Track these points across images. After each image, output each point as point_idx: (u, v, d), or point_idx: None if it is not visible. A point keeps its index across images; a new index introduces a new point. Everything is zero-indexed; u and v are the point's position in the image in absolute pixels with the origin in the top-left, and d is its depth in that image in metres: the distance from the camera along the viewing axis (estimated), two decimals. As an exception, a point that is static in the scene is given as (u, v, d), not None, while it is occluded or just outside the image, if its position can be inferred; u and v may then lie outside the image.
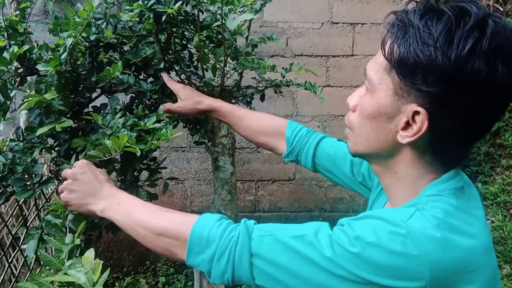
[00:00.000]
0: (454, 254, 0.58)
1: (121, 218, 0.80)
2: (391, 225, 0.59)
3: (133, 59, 1.06)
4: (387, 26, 0.64)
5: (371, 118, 0.68)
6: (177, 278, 2.32)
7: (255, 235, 0.67)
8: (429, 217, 0.60)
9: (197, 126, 1.16)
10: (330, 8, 2.28)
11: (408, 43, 0.60)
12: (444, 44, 0.57)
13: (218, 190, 1.28)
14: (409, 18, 0.61)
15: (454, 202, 0.64)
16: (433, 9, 0.61)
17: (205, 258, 0.68)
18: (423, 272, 0.56)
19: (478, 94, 0.58)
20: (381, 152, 0.70)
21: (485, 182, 3.12)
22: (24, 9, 1.05)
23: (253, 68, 1.21)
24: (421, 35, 0.59)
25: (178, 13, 1.06)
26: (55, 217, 0.89)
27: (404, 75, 0.61)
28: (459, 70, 0.57)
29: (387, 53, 0.63)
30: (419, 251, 0.57)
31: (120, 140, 0.85)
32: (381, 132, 0.68)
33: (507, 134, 3.30)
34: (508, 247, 2.47)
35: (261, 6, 1.22)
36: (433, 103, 0.60)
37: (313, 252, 0.61)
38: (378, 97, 0.66)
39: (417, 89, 0.61)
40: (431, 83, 0.59)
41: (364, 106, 0.69)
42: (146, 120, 0.97)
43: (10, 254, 1.39)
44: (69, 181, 0.86)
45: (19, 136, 1.00)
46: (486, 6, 3.70)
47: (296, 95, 2.32)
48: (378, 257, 0.57)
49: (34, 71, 1.02)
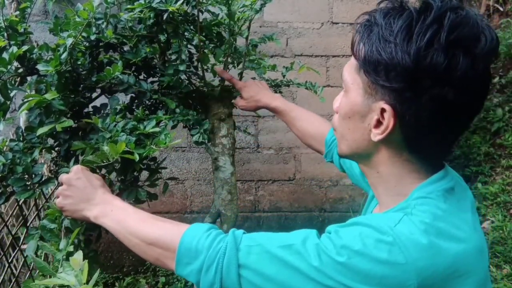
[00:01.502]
0: (442, 260, 0.57)
1: (114, 225, 0.80)
2: (378, 232, 0.59)
3: (133, 59, 1.06)
4: (357, 26, 0.65)
5: (346, 118, 0.69)
6: (177, 278, 2.32)
7: (242, 246, 0.66)
8: (417, 222, 0.59)
9: (197, 126, 1.16)
10: (330, 8, 2.28)
11: (371, 41, 0.61)
12: (404, 40, 0.58)
13: (218, 190, 1.28)
14: (374, 17, 0.62)
15: (442, 205, 0.63)
16: (397, 7, 0.61)
17: (193, 269, 0.68)
18: (410, 280, 0.56)
19: (440, 88, 0.58)
20: (359, 151, 0.71)
21: (485, 182, 3.12)
22: (24, 9, 1.05)
23: (253, 68, 1.21)
24: (383, 32, 0.60)
25: (178, 13, 1.06)
26: (51, 222, 0.89)
27: (369, 73, 0.62)
28: (418, 64, 0.57)
29: (355, 53, 0.64)
30: (406, 259, 0.56)
31: (118, 147, 0.86)
32: (356, 131, 0.69)
33: (507, 134, 3.30)
34: (508, 247, 2.47)
35: (261, 6, 1.22)
36: (398, 99, 0.61)
37: (301, 262, 0.61)
38: (351, 96, 0.67)
39: (381, 86, 0.61)
40: (393, 79, 0.59)
41: (341, 107, 0.71)
42: (145, 123, 0.97)
43: (10, 254, 1.39)
44: (64, 186, 0.86)
45: (19, 136, 1.00)
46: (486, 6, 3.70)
47: (296, 95, 2.32)
48: (364, 265, 0.57)
49: (34, 71, 1.02)
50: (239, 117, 2.27)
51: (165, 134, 0.94)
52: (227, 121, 1.27)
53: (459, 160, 3.45)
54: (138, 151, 0.89)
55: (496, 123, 3.41)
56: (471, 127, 3.64)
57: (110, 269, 2.34)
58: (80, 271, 0.73)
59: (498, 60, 4.13)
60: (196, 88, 1.26)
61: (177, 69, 1.10)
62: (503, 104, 3.57)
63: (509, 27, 4.42)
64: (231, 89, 1.30)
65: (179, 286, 2.26)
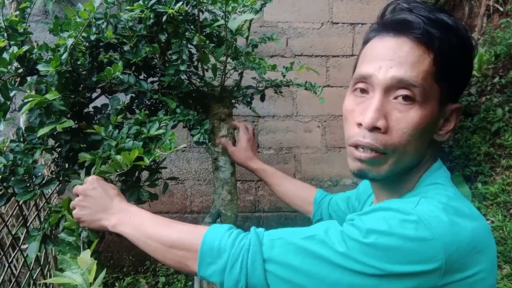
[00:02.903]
0: (464, 236, 0.59)
1: (133, 232, 0.80)
2: (401, 213, 0.60)
3: (133, 59, 1.06)
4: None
5: (425, 130, 0.67)
6: (177, 278, 2.32)
7: (265, 241, 0.66)
8: (435, 203, 0.62)
9: (197, 126, 1.16)
10: (330, 8, 2.28)
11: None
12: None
13: (218, 190, 1.28)
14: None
15: (451, 189, 0.67)
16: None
17: (217, 269, 0.67)
18: (438, 254, 0.57)
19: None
20: (418, 158, 0.71)
21: (485, 182, 3.12)
22: (24, 9, 1.05)
23: (253, 68, 1.21)
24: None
25: (179, 13, 1.06)
26: (69, 235, 0.89)
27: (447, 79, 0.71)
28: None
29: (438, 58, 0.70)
30: (433, 234, 0.57)
31: (131, 155, 0.86)
32: (426, 139, 0.69)
33: (507, 134, 3.30)
34: (508, 247, 2.47)
35: (261, 6, 1.22)
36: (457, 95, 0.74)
37: (326, 250, 0.61)
38: (430, 107, 0.68)
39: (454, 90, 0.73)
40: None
41: (420, 122, 0.67)
42: (148, 126, 0.97)
43: (10, 254, 1.39)
44: (80, 197, 0.87)
45: (20, 137, 0.99)
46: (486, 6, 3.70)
47: (296, 95, 2.32)
48: (393, 244, 0.57)
49: (34, 71, 1.02)
50: (239, 117, 2.27)
51: (169, 139, 0.94)
52: (227, 121, 1.27)
53: (459, 160, 3.45)
54: (146, 156, 0.89)
55: (496, 123, 3.41)
56: (471, 127, 3.64)
57: (110, 269, 2.34)
58: (87, 271, 0.73)
59: (498, 60, 4.14)
60: (196, 88, 1.26)
61: (178, 69, 1.10)
62: (503, 104, 3.57)
63: (509, 27, 4.42)
64: (231, 89, 1.30)
65: (179, 286, 2.26)
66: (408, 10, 0.67)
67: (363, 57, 0.72)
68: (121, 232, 0.81)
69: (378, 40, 0.69)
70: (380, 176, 0.69)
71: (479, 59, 4.15)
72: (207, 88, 1.24)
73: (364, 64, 0.70)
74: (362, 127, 0.66)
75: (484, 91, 3.91)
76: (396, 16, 0.68)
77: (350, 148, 0.70)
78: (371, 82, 0.67)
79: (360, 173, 0.70)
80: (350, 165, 0.71)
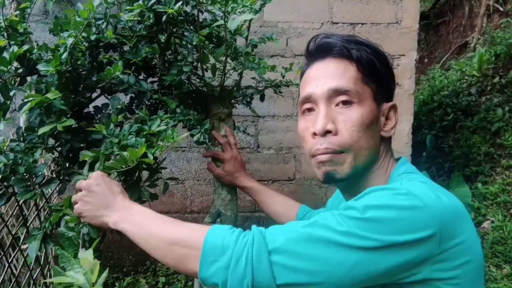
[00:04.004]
0: (448, 205, 0.66)
1: (134, 230, 0.79)
2: (392, 190, 0.66)
3: (133, 59, 1.06)
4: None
5: (369, 127, 0.79)
6: (177, 278, 2.32)
7: (268, 234, 0.67)
8: (416, 182, 0.70)
9: (197, 126, 1.16)
10: (330, 8, 2.29)
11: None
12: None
13: (218, 190, 1.28)
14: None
15: (422, 177, 0.75)
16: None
17: (220, 267, 0.67)
18: (432, 221, 0.62)
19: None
20: (374, 156, 0.81)
21: (485, 182, 3.11)
22: (24, 9, 1.05)
23: (253, 68, 1.21)
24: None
25: (178, 13, 1.06)
26: (69, 230, 0.88)
27: (374, 80, 0.86)
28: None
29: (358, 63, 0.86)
30: (423, 202, 0.63)
31: (138, 152, 0.86)
32: (374, 136, 0.80)
33: (507, 134, 3.30)
34: (508, 247, 2.47)
35: (261, 6, 1.22)
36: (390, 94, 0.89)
37: (328, 232, 0.63)
38: (367, 105, 0.81)
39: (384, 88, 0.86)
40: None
41: (362, 119, 0.79)
42: (149, 124, 0.97)
43: (10, 254, 1.39)
44: (83, 192, 0.86)
45: (20, 137, 0.99)
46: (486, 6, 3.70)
47: (296, 95, 2.32)
48: (389, 215, 0.62)
49: (34, 71, 1.02)
50: (239, 117, 2.27)
51: (171, 129, 0.94)
52: (227, 121, 1.27)
53: (459, 160, 3.45)
54: (149, 151, 0.89)
55: (496, 123, 3.41)
56: (471, 127, 3.64)
57: (110, 269, 2.34)
58: (89, 270, 0.72)
59: (498, 60, 4.13)
60: (196, 88, 1.26)
61: (181, 70, 1.10)
62: (503, 104, 3.57)
63: (509, 27, 4.41)
64: (231, 89, 1.30)
65: (179, 286, 2.27)
66: (326, 37, 0.84)
67: (302, 86, 0.87)
68: (122, 229, 0.81)
69: (310, 69, 0.86)
70: (346, 175, 0.78)
71: (479, 59, 4.15)
72: (207, 88, 1.24)
73: (303, 89, 0.84)
74: (317, 136, 0.78)
75: (484, 91, 3.91)
76: (318, 43, 0.86)
77: (313, 158, 0.80)
78: (313, 99, 0.81)
79: (327, 176, 0.78)
80: (318, 174, 0.81)
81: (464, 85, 4.18)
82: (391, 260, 0.61)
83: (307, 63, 0.89)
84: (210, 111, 1.26)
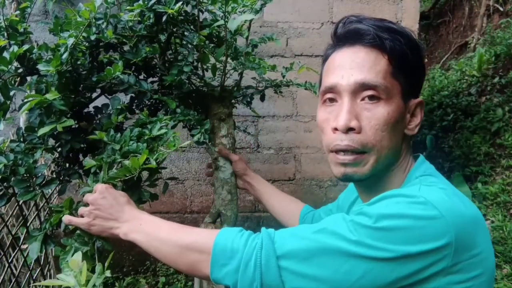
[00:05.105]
0: (466, 214, 0.63)
1: (145, 239, 0.80)
2: (408, 197, 0.63)
3: (133, 59, 1.06)
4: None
5: (395, 125, 0.73)
6: (177, 278, 2.32)
7: (277, 238, 0.67)
8: (435, 188, 0.66)
9: (197, 126, 1.16)
10: (330, 8, 2.28)
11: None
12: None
13: (218, 190, 1.28)
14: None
15: (441, 178, 0.72)
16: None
17: (230, 270, 0.67)
18: (448, 230, 0.59)
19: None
20: (395, 155, 0.76)
21: (485, 182, 3.12)
22: (24, 9, 1.05)
23: (253, 68, 1.21)
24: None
25: (179, 13, 1.06)
26: (83, 245, 0.88)
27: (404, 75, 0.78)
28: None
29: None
30: (440, 212, 0.60)
31: (140, 160, 0.86)
32: (398, 134, 0.74)
33: (507, 134, 3.30)
34: (508, 247, 2.47)
35: (261, 6, 1.22)
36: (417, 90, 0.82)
37: (338, 240, 0.62)
38: (395, 102, 0.75)
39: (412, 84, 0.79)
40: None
41: (389, 116, 0.73)
42: (150, 127, 0.97)
43: (10, 254, 1.39)
44: (91, 207, 0.87)
45: (20, 137, 0.99)
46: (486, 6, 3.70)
47: (296, 95, 2.32)
48: (404, 224, 0.59)
49: (34, 71, 1.02)
50: (239, 117, 2.27)
51: (173, 136, 0.94)
52: (227, 121, 1.27)
53: (459, 160, 3.45)
54: (151, 156, 0.89)
55: (496, 123, 3.41)
56: (471, 127, 3.64)
57: (110, 269, 2.34)
58: (79, 272, 0.73)
59: (498, 60, 4.13)
60: (196, 88, 1.26)
61: (181, 70, 1.10)
62: (503, 104, 3.57)
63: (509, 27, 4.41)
64: (231, 89, 1.30)
65: (179, 286, 2.26)
66: (358, 21, 0.75)
67: (325, 72, 0.78)
68: (133, 240, 0.82)
69: (336, 54, 0.77)
70: (365, 176, 0.73)
71: (479, 59, 4.15)
72: (207, 88, 1.24)
73: (327, 76, 0.76)
74: (338, 131, 0.72)
75: (484, 91, 3.91)
76: (348, 28, 0.75)
77: (332, 154, 0.75)
78: (337, 91, 0.73)
79: (345, 177, 0.74)
80: (334, 171, 0.75)
81: (464, 85, 4.18)
82: (402, 270, 0.59)
83: (333, 45, 0.79)
84: (210, 111, 1.26)
